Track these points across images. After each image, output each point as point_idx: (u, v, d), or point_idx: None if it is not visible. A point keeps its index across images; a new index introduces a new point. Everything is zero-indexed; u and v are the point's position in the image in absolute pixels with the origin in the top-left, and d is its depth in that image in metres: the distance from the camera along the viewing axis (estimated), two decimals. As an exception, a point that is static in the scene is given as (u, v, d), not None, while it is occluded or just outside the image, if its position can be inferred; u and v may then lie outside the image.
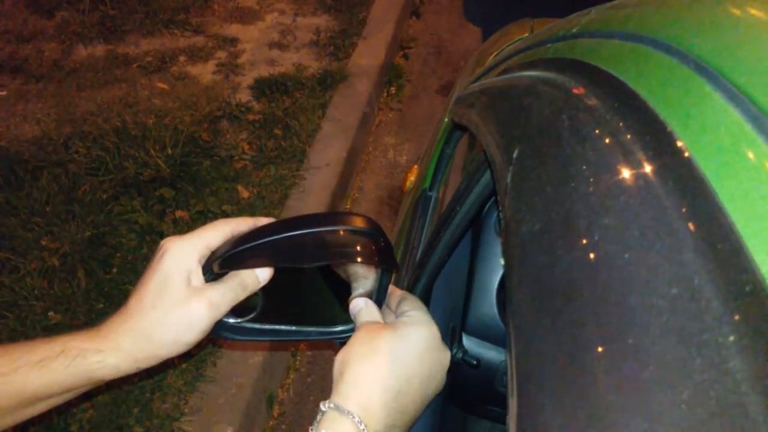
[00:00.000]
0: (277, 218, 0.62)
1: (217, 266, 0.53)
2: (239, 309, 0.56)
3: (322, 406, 0.47)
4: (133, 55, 3.06)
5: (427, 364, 0.51)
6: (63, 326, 1.74)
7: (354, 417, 0.45)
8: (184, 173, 2.27)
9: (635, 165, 0.33)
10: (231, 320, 0.57)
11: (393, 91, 3.16)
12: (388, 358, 0.49)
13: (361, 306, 0.56)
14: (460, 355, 0.81)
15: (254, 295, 0.56)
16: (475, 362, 0.77)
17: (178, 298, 0.51)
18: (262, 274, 0.55)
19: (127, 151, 2.31)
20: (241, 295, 0.54)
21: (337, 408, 0.46)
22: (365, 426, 0.45)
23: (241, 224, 0.55)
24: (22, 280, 1.86)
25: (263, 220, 0.56)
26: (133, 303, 0.52)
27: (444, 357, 0.53)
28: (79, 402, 1.58)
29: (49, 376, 0.50)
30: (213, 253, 0.54)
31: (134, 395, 1.62)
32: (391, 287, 0.59)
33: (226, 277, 0.54)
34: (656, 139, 0.33)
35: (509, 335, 0.33)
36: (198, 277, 0.53)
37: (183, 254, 0.52)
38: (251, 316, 0.59)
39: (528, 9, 1.77)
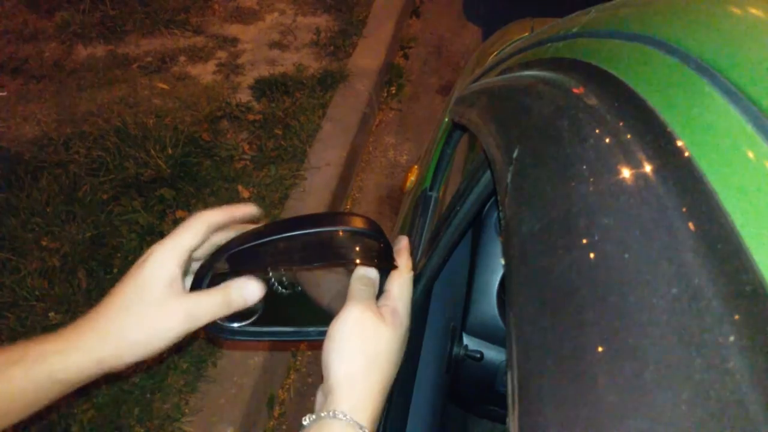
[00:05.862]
0: (277, 218, 0.62)
1: (217, 267, 0.53)
2: (240, 313, 0.56)
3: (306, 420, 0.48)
4: (133, 55, 3.06)
5: (367, 351, 0.50)
6: (63, 326, 1.74)
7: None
8: (184, 173, 2.27)
9: (635, 165, 0.33)
10: (234, 325, 0.58)
11: (393, 91, 3.15)
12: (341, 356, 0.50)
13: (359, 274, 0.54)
14: (462, 351, 0.81)
15: None
16: (478, 355, 0.77)
17: (156, 303, 0.50)
18: (251, 296, 0.54)
19: (127, 152, 2.31)
20: (224, 313, 0.54)
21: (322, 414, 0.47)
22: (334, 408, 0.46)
23: (216, 216, 0.54)
24: (23, 280, 1.86)
25: (238, 209, 0.55)
26: (106, 305, 0.51)
27: (384, 332, 0.51)
28: (80, 402, 1.58)
29: (7, 385, 0.48)
30: (211, 255, 0.54)
31: (135, 396, 1.62)
32: None
33: (213, 289, 0.53)
34: (656, 139, 0.33)
35: (509, 335, 0.33)
36: (178, 283, 0.52)
37: (165, 261, 0.52)
38: (252, 320, 0.59)
39: (528, 9, 1.77)
